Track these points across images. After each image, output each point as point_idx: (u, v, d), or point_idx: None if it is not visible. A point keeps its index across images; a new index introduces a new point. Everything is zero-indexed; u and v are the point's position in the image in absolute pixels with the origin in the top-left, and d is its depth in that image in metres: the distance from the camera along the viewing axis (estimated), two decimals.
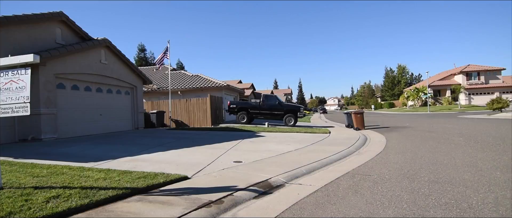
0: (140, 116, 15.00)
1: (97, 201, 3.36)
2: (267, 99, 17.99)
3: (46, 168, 4.87)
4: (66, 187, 3.80)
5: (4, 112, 3.53)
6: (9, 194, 3.44)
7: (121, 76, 13.54)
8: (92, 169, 4.91)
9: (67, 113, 10.47)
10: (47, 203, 3.20)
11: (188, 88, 20.88)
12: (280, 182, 4.45)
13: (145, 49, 58.67)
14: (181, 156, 6.61)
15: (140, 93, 15.26)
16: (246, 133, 11.73)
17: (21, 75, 3.46)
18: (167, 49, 16.63)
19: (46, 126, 9.34)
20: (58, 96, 10.08)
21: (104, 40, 12.30)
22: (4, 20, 8.55)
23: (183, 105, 17.51)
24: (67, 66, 10.42)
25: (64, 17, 10.77)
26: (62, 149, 7.50)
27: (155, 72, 26.36)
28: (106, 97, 12.88)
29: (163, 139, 9.80)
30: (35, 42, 9.69)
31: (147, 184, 4.03)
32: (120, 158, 6.27)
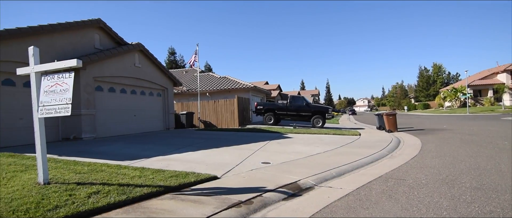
0: (171, 117, 15.52)
1: (133, 197, 3.53)
2: (294, 100, 17.84)
3: (87, 166, 5.19)
4: (105, 183, 4.02)
5: (48, 113, 3.81)
6: (55, 188, 3.71)
7: (153, 79, 14.11)
8: (128, 167, 5.15)
9: (104, 114, 11.10)
10: (88, 198, 3.41)
11: (216, 89, 21.29)
12: (310, 184, 4.38)
13: (175, 52, 60.66)
14: (210, 156, 6.74)
15: (171, 95, 15.80)
16: (273, 134, 11.71)
17: (65, 79, 3.73)
18: (196, 52, 17.10)
19: (86, 126, 9.97)
20: (97, 98, 10.73)
21: (138, 44, 12.90)
22: (49, 28, 9.27)
23: (211, 106, 17.87)
24: (105, 69, 11.05)
25: (102, 23, 11.46)
26: (100, 148, 7.96)
27: (184, 74, 27.18)
28: (140, 98, 13.49)
29: (192, 139, 10.06)
30: (76, 48, 10.39)
31: (179, 183, 4.15)
32: (153, 157, 6.52)
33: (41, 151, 3.86)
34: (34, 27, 8.76)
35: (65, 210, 3.07)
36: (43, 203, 3.21)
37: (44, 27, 9.05)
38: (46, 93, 3.77)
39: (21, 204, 3.16)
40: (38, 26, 8.87)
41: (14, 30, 8.19)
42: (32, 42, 8.52)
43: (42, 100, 3.79)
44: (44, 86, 3.81)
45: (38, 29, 8.86)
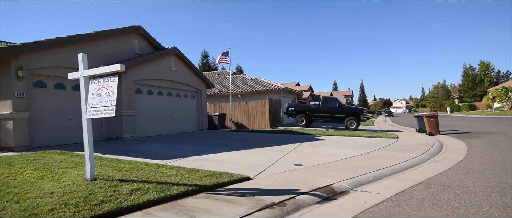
0: (204, 118, 15.97)
1: (171, 195, 3.68)
2: (326, 102, 17.46)
3: (128, 164, 5.51)
4: (145, 181, 4.24)
5: (95, 114, 4.11)
6: (101, 184, 3.99)
7: (187, 81, 14.63)
8: (165, 166, 5.38)
9: (143, 115, 11.72)
10: (130, 195, 3.62)
11: (247, 91, 21.51)
12: (344, 188, 4.26)
13: (208, 55, 62.35)
14: (243, 157, 6.82)
15: (204, 97, 16.25)
16: (305, 136, 11.55)
17: (110, 82, 4.00)
18: (228, 54, 17.42)
19: (126, 127, 10.59)
20: (136, 100, 11.36)
21: (174, 48, 13.46)
22: (95, 35, 10.00)
23: (242, 107, 18.09)
24: (144, 73, 11.67)
25: (141, 30, 12.13)
26: (140, 147, 8.40)
27: (217, 77, 27.82)
28: (175, 100, 14.05)
29: (225, 140, 10.25)
30: (118, 53, 11.10)
31: (213, 183, 4.26)
32: (188, 157, 6.75)
33: (88, 150, 4.16)
34: (82, 35, 9.51)
35: (109, 205, 3.28)
36: (91, 198, 3.46)
37: (90, 34, 9.79)
38: (93, 96, 4.07)
39: (71, 198, 3.43)
40: (85, 34, 9.62)
41: (64, 38, 8.95)
42: (80, 48, 9.25)
43: (89, 102, 4.10)
44: (91, 89, 4.12)
45: (84, 37, 9.60)
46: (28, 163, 5.39)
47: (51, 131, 8.80)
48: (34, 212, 3.02)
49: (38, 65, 8.35)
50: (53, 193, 3.58)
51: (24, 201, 3.33)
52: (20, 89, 7.87)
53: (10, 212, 3.02)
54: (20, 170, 4.83)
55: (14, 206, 3.16)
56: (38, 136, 8.43)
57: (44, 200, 3.35)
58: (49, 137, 8.70)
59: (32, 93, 8.30)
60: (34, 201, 3.33)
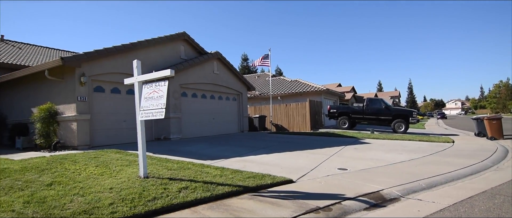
0: (245, 120, 16.24)
1: (216, 195, 3.80)
2: (371, 103, 16.66)
3: (176, 163, 5.81)
4: (192, 180, 4.44)
5: (147, 116, 4.41)
6: (153, 182, 4.26)
7: (229, 84, 15.01)
8: (210, 167, 5.57)
9: (188, 117, 12.28)
10: (179, 193, 3.81)
11: (287, 93, 21.40)
12: (394, 195, 4.02)
13: (247, 58, 63.36)
14: (284, 159, 6.80)
15: (245, 99, 16.53)
16: (348, 139, 11.14)
17: (160, 86, 4.27)
18: (267, 56, 17.51)
19: (173, 128, 11.19)
20: (182, 102, 11.95)
21: (216, 53, 13.93)
22: (145, 43, 10.76)
23: (282, 109, 18.03)
24: (188, 77, 12.25)
25: (186, 36, 12.76)
26: (186, 148, 8.81)
27: (256, 79, 28.12)
28: (217, 103, 14.51)
29: (266, 142, 10.31)
30: (165, 58, 11.80)
31: (256, 184, 4.30)
32: (231, 158, 6.92)
33: (142, 149, 4.48)
34: (134, 43, 10.30)
35: (161, 201, 3.49)
36: (144, 194, 3.71)
37: (142, 42, 10.56)
38: (146, 99, 4.37)
39: (128, 194, 3.72)
40: (137, 42, 10.40)
41: (119, 47, 9.76)
42: (133, 56, 10.03)
43: (142, 105, 4.41)
44: (144, 93, 4.44)
45: (137, 45, 10.38)
46: (89, 161, 5.95)
47: (108, 131, 9.64)
48: (96, 205, 3.33)
49: (98, 71, 9.21)
50: (111, 189, 3.92)
51: (88, 195, 3.69)
52: (83, 94, 8.75)
53: (76, 204, 3.36)
54: (84, 167, 5.36)
55: (80, 199, 3.52)
56: (97, 136, 9.29)
57: (104, 195, 3.67)
58: (106, 137, 9.53)
59: (92, 97, 9.18)
60: (96, 195, 3.67)
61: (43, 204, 3.35)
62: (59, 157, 6.41)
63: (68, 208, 3.22)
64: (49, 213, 3.09)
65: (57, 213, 3.09)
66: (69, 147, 8.61)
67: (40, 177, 4.56)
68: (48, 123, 8.44)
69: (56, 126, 8.66)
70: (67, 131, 8.74)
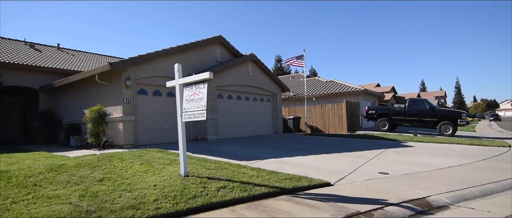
0: (279, 121, 16.20)
1: (254, 195, 3.84)
2: (414, 104, 15.69)
3: (214, 163, 5.97)
4: (229, 180, 4.53)
5: (188, 117, 4.60)
6: (193, 181, 4.43)
7: (263, 86, 15.09)
8: (246, 167, 5.65)
9: (223, 118, 12.57)
10: (218, 192, 3.92)
11: (322, 94, 20.96)
12: (443, 202, 3.75)
13: (281, 60, 63.10)
14: (321, 162, 6.66)
15: (279, 100, 16.50)
16: (389, 142, 10.61)
17: (200, 89, 4.43)
18: (302, 56, 17.31)
19: (210, 129, 11.52)
20: (218, 104, 12.26)
21: (251, 55, 14.09)
22: (184, 48, 11.22)
23: (318, 111, 17.69)
24: (224, 79, 12.53)
25: (222, 39, 13.09)
26: (222, 148, 9.02)
27: (291, 80, 27.93)
28: (252, 104, 14.65)
29: (301, 144, 10.19)
30: (202, 62, 12.19)
31: (293, 186, 4.28)
32: (266, 159, 6.94)
33: (182, 149, 4.67)
34: (174, 48, 10.80)
35: (201, 200, 3.62)
36: (185, 192, 3.87)
37: (181, 47, 11.04)
38: (187, 101, 4.56)
39: (170, 191, 3.90)
40: (176, 47, 10.90)
41: (161, 52, 10.30)
42: (173, 60, 10.51)
43: (184, 107, 4.61)
44: (185, 96, 4.63)
45: (176, 49, 10.87)
46: (134, 159, 6.34)
47: (150, 131, 10.19)
48: (142, 201, 3.54)
49: (141, 75, 9.80)
50: (155, 186, 4.14)
51: (134, 190, 3.94)
52: (128, 96, 9.36)
53: (125, 199, 3.60)
54: (130, 165, 5.72)
55: (128, 195, 3.77)
56: (141, 136, 9.86)
57: (149, 191, 3.89)
58: (148, 137, 10.09)
59: (136, 99, 9.78)
60: (142, 191, 3.90)
61: (95, 198, 3.64)
62: (107, 155, 6.91)
63: (117, 203, 3.46)
64: (101, 206, 3.34)
65: (108, 206, 3.34)
66: (116, 146, 9.24)
67: (92, 173, 4.97)
68: (97, 123, 9.14)
69: (105, 126, 9.35)
70: (114, 131, 9.40)
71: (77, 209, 3.25)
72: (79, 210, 3.19)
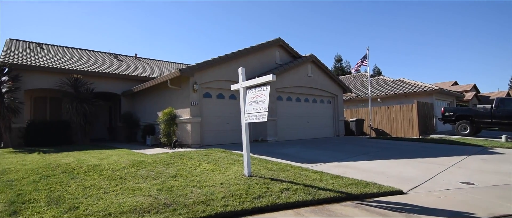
0: (340, 123, 15.57)
1: (318, 199, 3.76)
2: (503, 104, 13.49)
3: (275, 164, 6.03)
4: (292, 182, 4.52)
5: (251, 119, 4.73)
6: (256, 181, 4.54)
7: (323, 87, 14.70)
8: (308, 170, 5.57)
9: (283, 120, 12.60)
10: (281, 193, 3.94)
11: (388, 94, 19.46)
12: None
13: (341, 59, 60.63)
14: (390, 168, 6.19)
15: (341, 102, 15.86)
16: (472, 148, 9.32)
17: (263, 91, 4.53)
18: (366, 56, 16.36)
19: (270, 130, 11.67)
20: (278, 106, 12.35)
21: (311, 56, 13.86)
22: (245, 52, 11.61)
23: (383, 112, 16.49)
24: (284, 81, 12.57)
25: (281, 41, 13.17)
26: (282, 150, 9.05)
27: (352, 80, 26.62)
28: (312, 106, 14.39)
29: (366, 148, 9.62)
30: (262, 64, 12.44)
31: (360, 192, 4.07)
32: (328, 162, 6.74)
33: (246, 150, 4.83)
34: (236, 52, 11.26)
35: (265, 200, 3.68)
36: (250, 191, 3.99)
37: (242, 51, 11.46)
38: (250, 103, 4.71)
39: (236, 190, 4.07)
40: (238, 51, 11.35)
41: (224, 57, 10.83)
42: (235, 64, 10.99)
43: (246, 109, 4.77)
44: (248, 98, 4.78)
45: (238, 54, 11.31)
46: (202, 158, 6.77)
47: (214, 132, 10.78)
48: (211, 197, 3.76)
49: (206, 79, 10.44)
50: (222, 184, 4.36)
51: (203, 187, 4.21)
52: (195, 99, 10.06)
53: (195, 195, 3.87)
54: (198, 163, 6.13)
55: (198, 191, 4.04)
56: (206, 136, 10.50)
57: (217, 189, 4.12)
58: (212, 137, 10.68)
59: (202, 102, 10.45)
60: (210, 189, 4.15)
61: (171, 192, 3.99)
62: (178, 153, 7.53)
63: (189, 198, 3.74)
64: (175, 200, 3.66)
65: (181, 201, 3.63)
66: (184, 145, 10.01)
67: (166, 170, 5.46)
68: (169, 124, 10.02)
69: (175, 127, 10.20)
70: (183, 131, 10.19)
71: (156, 201, 3.61)
72: (158, 203, 3.54)
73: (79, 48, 19.06)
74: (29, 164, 5.97)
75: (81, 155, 7.56)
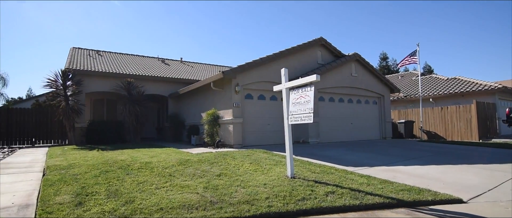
0: (387, 125, 14.73)
1: (366, 204, 3.59)
2: None
3: (318, 167, 5.90)
4: (337, 185, 4.38)
5: (295, 120, 4.69)
6: (300, 183, 4.48)
7: (368, 87, 14.03)
8: (354, 173, 5.35)
9: (325, 121, 12.29)
10: (326, 196, 3.84)
11: (442, 94, 17.91)
12: None
13: (387, 57, 57.35)
14: (446, 174, 5.69)
15: (388, 102, 15.01)
16: None
17: (307, 92, 4.46)
18: (415, 52, 15.26)
19: (312, 132, 11.47)
20: (319, 107, 12.08)
21: (355, 55, 13.33)
22: (286, 52, 11.57)
23: (436, 114, 15.22)
24: (326, 81, 12.26)
25: (323, 41, 12.87)
26: (325, 152, 8.82)
27: (400, 79, 25.04)
28: (356, 107, 13.82)
29: (416, 152, 8.97)
30: (303, 65, 12.27)
31: (413, 199, 3.80)
32: (375, 166, 6.40)
33: (289, 151, 4.80)
34: (277, 53, 11.26)
35: (310, 203, 3.62)
36: (294, 193, 3.95)
37: (283, 52, 11.43)
38: (293, 104, 4.67)
39: (279, 191, 4.06)
40: (279, 52, 11.34)
41: (265, 58, 10.91)
42: (276, 65, 11.00)
43: (290, 110, 4.73)
44: (291, 99, 4.75)
45: (278, 55, 11.31)
46: (244, 158, 6.88)
47: (255, 133, 10.90)
48: (255, 197, 3.80)
49: (247, 81, 10.61)
50: (265, 185, 4.38)
51: (247, 187, 4.27)
52: (237, 101, 10.28)
53: (240, 194, 3.94)
54: (241, 163, 6.24)
55: (242, 191, 4.11)
56: (247, 137, 10.65)
57: (260, 189, 4.15)
58: (253, 138, 10.80)
59: (243, 103, 10.63)
60: (254, 189, 4.19)
61: (216, 190, 4.11)
62: (221, 153, 7.74)
63: (234, 197, 3.82)
64: (221, 198, 3.76)
65: (227, 199, 3.72)
66: (227, 145, 10.26)
67: (211, 169, 5.65)
68: (212, 125, 10.37)
69: (218, 128, 10.52)
70: (225, 132, 10.46)
71: (203, 199, 3.74)
72: (204, 200, 3.67)
73: (131, 54, 20.62)
74: (90, 160, 6.59)
75: (133, 152, 8.16)
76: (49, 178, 4.80)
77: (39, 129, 13.38)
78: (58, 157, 7.40)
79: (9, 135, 12.85)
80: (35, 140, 13.32)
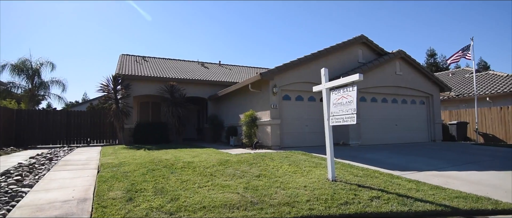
0: (437, 127, 13.66)
1: (416, 212, 3.36)
2: None
3: (361, 170, 5.65)
4: (382, 190, 4.16)
5: (336, 121, 4.55)
6: (342, 186, 4.33)
7: (415, 85, 13.15)
8: (400, 178, 5.04)
9: (367, 123, 11.75)
10: (371, 201, 3.66)
11: (501, 92, 16.12)
12: None
13: (435, 54, 53.16)
14: (507, 180, 5.11)
15: (437, 102, 13.93)
16: None
17: (349, 92, 4.31)
18: (469, 47, 13.97)
19: (352, 134, 11.04)
20: (361, 108, 11.59)
21: (399, 52, 12.58)
22: (325, 52, 11.30)
23: (494, 114, 13.75)
24: (367, 81, 11.73)
25: (364, 39, 12.35)
26: (367, 155, 8.44)
27: (450, 77, 23.09)
28: (401, 107, 13.03)
29: (472, 156, 8.19)
30: (343, 64, 11.87)
31: (470, 207, 3.48)
32: (425, 171, 5.97)
33: (330, 153, 4.67)
34: (315, 53, 11.05)
35: (353, 207, 3.48)
36: (335, 197, 3.83)
37: (321, 52, 11.19)
38: (335, 105, 4.54)
39: (320, 194, 3.96)
40: (317, 52, 11.12)
41: (303, 58, 10.76)
42: (315, 65, 10.80)
43: (332, 111, 4.61)
44: (332, 99, 4.62)
45: (317, 54, 11.08)
46: (283, 159, 6.84)
47: (293, 134, 10.78)
48: (295, 199, 3.75)
49: (285, 82, 10.55)
50: (305, 187, 4.31)
51: (287, 189, 4.24)
52: (274, 102, 10.27)
53: (280, 196, 3.92)
54: (279, 164, 6.22)
55: (282, 192, 4.08)
56: (285, 138, 10.59)
57: (300, 191, 4.09)
58: (291, 139, 10.69)
59: (281, 104, 10.59)
60: (294, 191, 4.14)
61: (256, 191, 4.14)
62: (260, 154, 7.78)
63: (274, 198, 3.81)
64: (261, 199, 3.77)
65: (267, 200, 3.72)
66: (264, 146, 10.29)
67: (250, 169, 5.70)
68: (250, 126, 10.48)
69: (256, 129, 10.60)
70: (263, 133, 10.51)
71: (244, 199, 3.79)
72: (245, 200, 3.71)
73: (173, 59, 21.70)
74: (138, 159, 7.04)
75: (176, 152, 8.55)
76: (102, 174, 5.22)
77: (93, 130, 14.65)
78: (110, 156, 8.02)
79: (68, 135, 14.25)
80: (90, 140, 14.61)
